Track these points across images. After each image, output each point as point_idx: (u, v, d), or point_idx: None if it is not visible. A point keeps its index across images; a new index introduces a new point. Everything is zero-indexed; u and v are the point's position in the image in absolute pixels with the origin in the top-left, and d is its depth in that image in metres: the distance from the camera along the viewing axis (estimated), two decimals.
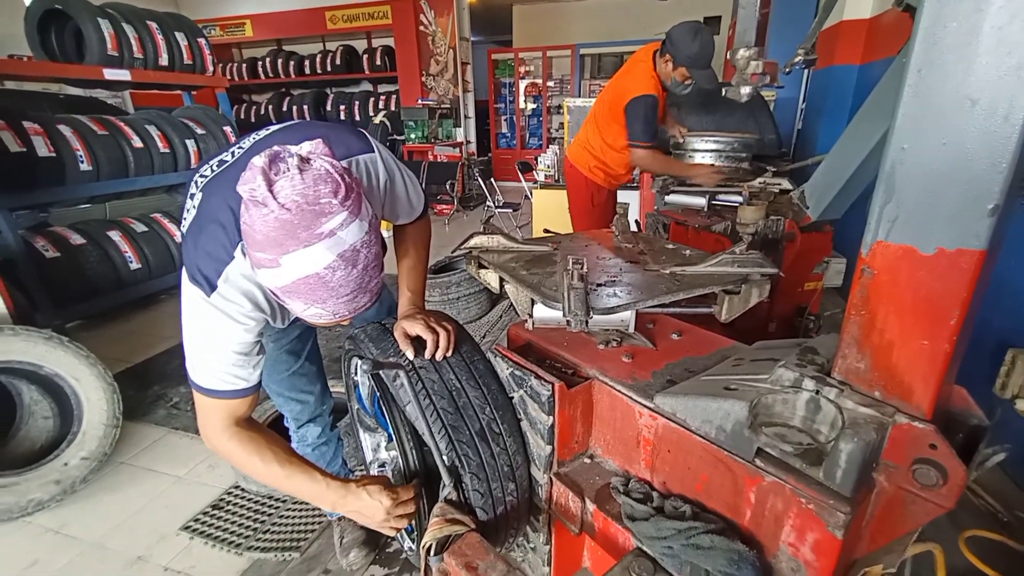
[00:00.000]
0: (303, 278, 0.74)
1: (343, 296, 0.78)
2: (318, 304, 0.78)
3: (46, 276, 2.90)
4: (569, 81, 8.82)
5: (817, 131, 4.05)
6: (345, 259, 0.75)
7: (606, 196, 2.79)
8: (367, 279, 0.80)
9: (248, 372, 0.94)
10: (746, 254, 1.13)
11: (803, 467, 0.75)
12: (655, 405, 0.95)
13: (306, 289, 0.75)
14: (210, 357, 0.91)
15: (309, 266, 0.73)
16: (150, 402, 2.55)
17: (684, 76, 2.34)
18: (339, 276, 0.76)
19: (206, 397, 0.93)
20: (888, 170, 0.66)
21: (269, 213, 0.69)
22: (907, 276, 0.67)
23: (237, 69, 8.95)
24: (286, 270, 0.73)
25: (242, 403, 0.96)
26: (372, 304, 0.87)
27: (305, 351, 1.42)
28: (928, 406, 0.70)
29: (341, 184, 0.73)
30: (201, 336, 0.91)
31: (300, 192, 0.70)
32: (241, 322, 0.89)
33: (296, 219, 0.70)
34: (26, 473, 1.82)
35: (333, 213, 0.72)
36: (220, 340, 0.90)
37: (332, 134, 0.97)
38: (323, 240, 0.72)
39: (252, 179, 0.69)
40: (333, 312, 0.81)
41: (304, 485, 0.98)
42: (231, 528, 1.74)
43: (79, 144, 3.09)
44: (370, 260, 0.79)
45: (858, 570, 0.83)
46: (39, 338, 1.92)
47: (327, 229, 0.72)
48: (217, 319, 0.88)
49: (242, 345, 0.91)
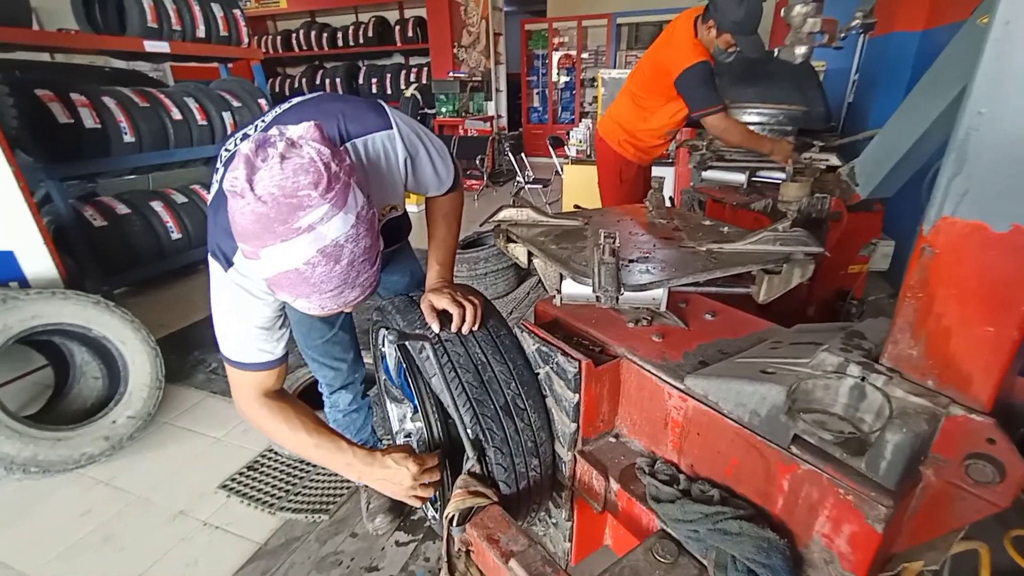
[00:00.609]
0: (283, 272, 0.72)
1: (327, 291, 0.76)
2: (303, 298, 0.76)
3: (95, 244, 3.04)
4: (604, 52, 8.51)
5: (870, 105, 3.79)
6: (326, 255, 0.72)
7: (635, 172, 2.68)
8: (353, 274, 0.77)
9: (272, 345, 0.96)
10: (789, 231, 1.07)
11: (843, 457, 0.71)
12: (686, 386, 0.92)
13: (287, 283, 0.74)
14: (234, 330, 0.94)
15: (288, 261, 0.71)
16: (191, 367, 2.66)
17: (728, 43, 2.18)
18: (320, 272, 0.73)
19: (235, 368, 0.97)
20: (961, 138, 0.60)
21: (246, 205, 0.67)
22: (974, 256, 0.61)
23: (272, 42, 9.01)
24: (265, 264, 0.72)
25: (269, 375, 0.99)
26: (366, 297, 0.84)
27: (339, 320, 1.43)
28: (988, 398, 0.65)
29: (324, 175, 0.69)
30: (224, 310, 0.93)
31: (278, 184, 0.67)
32: (259, 297, 0.90)
33: (272, 212, 0.67)
34: (79, 429, 1.93)
35: (312, 207, 0.68)
36: (241, 314, 0.92)
37: (348, 110, 0.94)
38: (301, 235, 0.69)
39: (235, 167, 0.67)
40: (320, 306, 0.79)
41: (331, 454, 1.01)
42: (265, 489, 1.81)
43: (123, 116, 3.18)
44: (357, 255, 0.75)
45: (896, 565, 0.79)
46: (88, 302, 2.02)
47: (305, 224, 0.68)
48: (236, 293, 0.90)
49: (263, 320, 0.93)
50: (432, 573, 1.45)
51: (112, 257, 3.13)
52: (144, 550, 1.61)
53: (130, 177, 3.90)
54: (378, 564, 1.51)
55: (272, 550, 1.58)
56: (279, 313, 0.96)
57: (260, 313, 0.92)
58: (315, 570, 1.50)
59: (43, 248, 2.26)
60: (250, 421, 1.02)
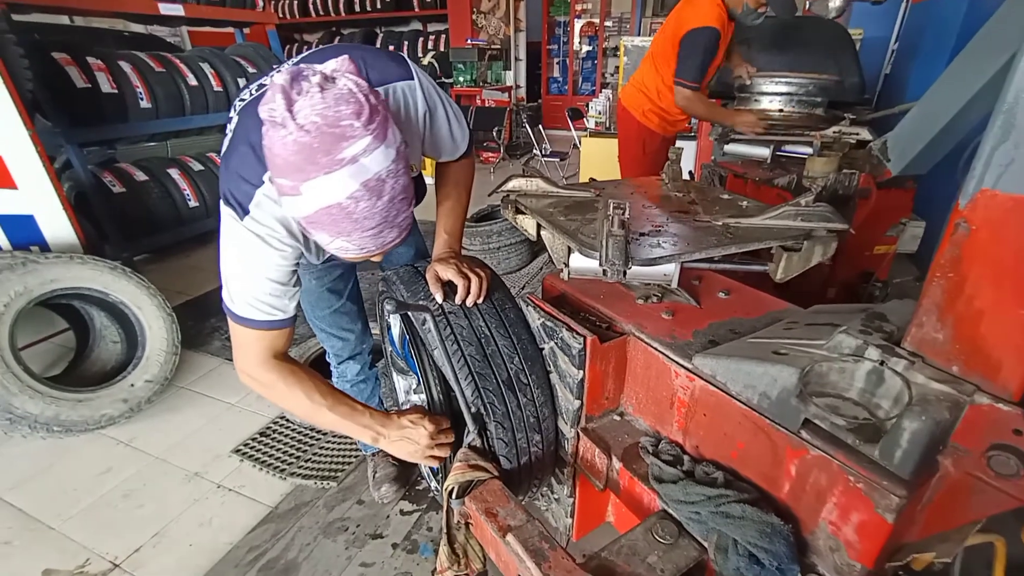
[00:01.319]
0: (325, 208, 0.70)
1: (368, 229, 0.74)
2: (343, 237, 0.74)
3: (113, 210, 3.08)
4: (629, 19, 8.19)
5: (909, 76, 3.58)
6: (369, 188, 0.70)
7: (659, 143, 2.59)
8: (393, 212, 0.75)
9: (284, 303, 0.92)
10: (812, 206, 1.01)
11: (856, 443, 0.68)
12: (693, 366, 0.89)
13: (329, 220, 0.71)
14: (245, 285, 0.89)
15: (331, 195, 0.68)
16: (207, 333, 2.71)
17: (759, 2, 2.07)
18: (363, 207, 0.71)
19: (242, 327, 0.91)
20: (1010, 101, 0.54)
21: (288, 135, 0.65)
22: (1016, 232, 0.56)
23: (288, 6, 8.87)
24: (307, 199, 0.69)
25: (279, 335, 0.94)
26: (401, 240, 0.83)
27: (347, 290, 1.43)
28: (1017, 386, 0.61)
29: (364, 105, 0.67)
30: (236, 261, 0.88)
31: (320, 112, 0.64)
32: (276, 248, 0.87)
33: (316, 142, 0.65)
34: (99, 391, 1.99)
35: (355, 137, 0.67)
36: (255, 266, 0.87)
37: (369, 57, 0.91)
38: (345, 167, 0.67)
39: (272, 98, 0.65)
40: (359, 246, 0.77)
41: (347, 417, 0.98)
42: (276, 455, 1.85)
43: (139, 81, 3.17)
44: (397, 192, 0.74)
45: (906, 555, 0.76)
46: (104, 267, 2.05)
47: (349, 155, 0.66)
48: (251, 243, 0.86)
49: (278, 273, 0.89)
50: (434, 543, 1.47)
51: (130, 223, 3.17)
52: (161, 508, 1.66)
53: (149, 144, 3.92)
54: (382, 532, 1.54)
55: (282, 514, 1.62)
56: (294, 268, 0.92)
57: (276, 265, 0.88)
58: (322, 534, 1.54)
59: (62, 213, 2.29)
60: (254, 386, 0.97)
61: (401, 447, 1.02)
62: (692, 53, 2.19)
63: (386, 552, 1.47)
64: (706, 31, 2.13)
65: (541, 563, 0.77)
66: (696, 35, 2.15)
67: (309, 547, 1.50)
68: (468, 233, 3.12)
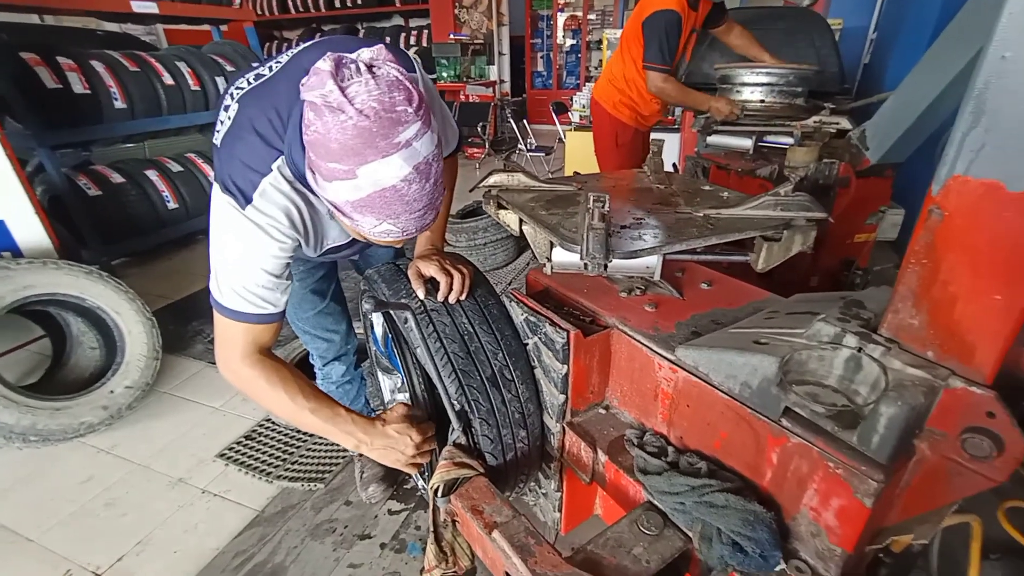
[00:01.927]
0: (379, 191, 0.70)
1: (416, 211, 0.74)
2: (391, 220, 0.74)
3: (90, 214, 3.01)
4: (612, 12, 8.18)
5: (887, 66, 3.62)
6: (420, 172, 0.71)
7: (631, 136, 2.58)
8: (436, 195, 0.76)
9: (276, 297, 0.89)
10: (791, 196, 1.01)
11: (835, 430, 0.68)
12: (676, 357, 0.89)
13: (382, 203, 0.71)
14: (239, 276, 0.86)
15: (386, 178, 0.69)
16: (189, 337, 2.67)
17: None
18: (414, 190, 0.72)
19: (230, 320, 0.88)
20: (980, 87, 0.54)
21: (347, 120, 0.64)
22: (987, 218, 0.56)
23: (266, 3, 8.72)
24: (363, 182, 0.69)
25: (267, 330, 0.92)
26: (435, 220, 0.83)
27: (330, 291, 1.42)
28: (990, 370, 0.61)
29: (413, 92, 0.69)
30: (232, 251, 0.86)
31: (376, 99, 0.65)
32: (276, 239, 0.85)
33: (375, 127, 0.65)
34: (77, 398, 1.95)
35: (409, 122, 0.68)
36: (252, 257, 0.85)
37: None
38: (400, 151, 0.68)
39: (321, 84, 0.64)
40: (403, 229, 0.76)
41: (329, 421, 0.95)
42: (262, 458, 1.83)
43: (112, 81, 3.09)
44: (439, 175, 0.75)
45: (885, 538, 0.77)
46: (80, 272, 2.00)
47: (404, 139, 0.67)
48: (251, 233, 0.83)
49: (274, 265, 0.87)
50: (423, 542, 1.47)
51: (108, 227, 3.10)
52: (145, 516, 1.63)
53: (125, 146, 3.84)
54: (370, 532, 1.53)
55: (269, 517, 1.60)
56: (289, 262, 0.90)
57: (273, 257, 0.86)
58: (310, 537, 1.52)
59: (35, 217, 2.22)
60: (236, 382, 0.94)
61: (384, 455, 1.01)
62: (655, 36, 2.19)
63: (374, 552, 1.46)
64: (665, 13, 2.13)
65: (527, 558, 0.76)
66: (656, 17, 2.16)
67: (296, 550, 1.48)
68: (453, 230, 3.10)
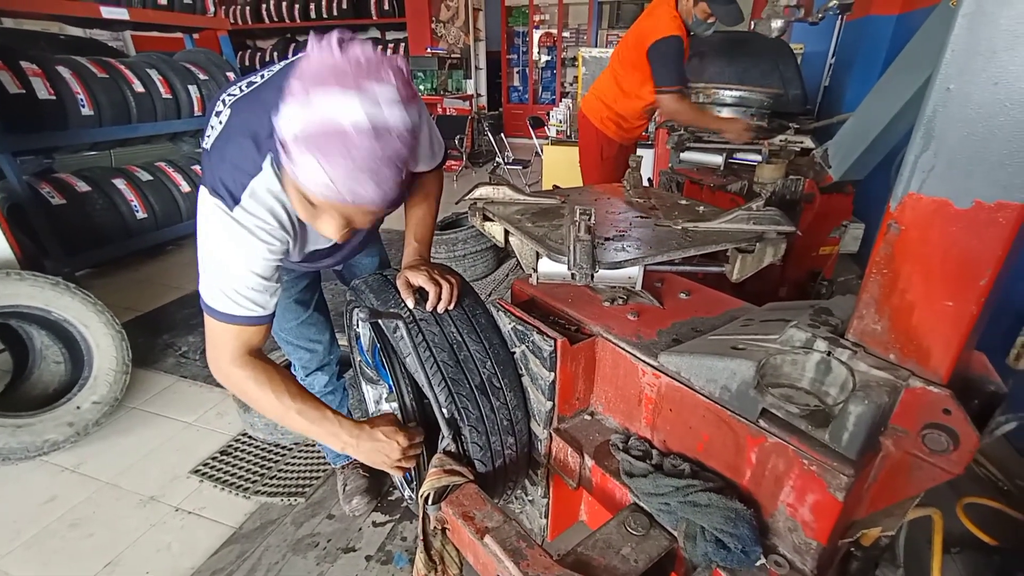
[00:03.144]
0: (325, 124, 0.67)
1: (358, 170, 0.70)
2: (328, 165, 0.69)
3: (54, 223, 2.90)
4: (586, 31, 8.41)
5: (845, 88, 3.84)
6: (376, 129, 0.68)
7: (616, 150, 2.68)
8: (386, 172, 0.72)
9: (266, 299, 0.90)
10: (763, 210, 1.08)
11: (808, 429, 0.73)
12: (659, 363, 0.93)
13: (324, 140, 0.68)
14: (228, 279, 0.86)
15: (338, 113, 0.66)
16: (160, 350, 2.59)
17: (706, 13, 2.18)
18: (364, 144, 0.68)
19: (220, 323, 0.89)
20: (929, 115, 0.61)
21: (328, 57, 0.67)
22: (938, 232, 0.62)
23: (240, 12, 8.61)
24: (313, 109, 0.67)
25: (256, 332, 0.92)
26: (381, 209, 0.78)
27: (313, 301, 1.42)
28: (946, 370, 0.67)
29: (406, 78, 0.72)
30: (221, 254, 0.86)
31: (367, 58, 0.68)
32: (264, 240, 0.85)
33: (350, 70, 0.67)
34: (41, 415, 1.86)
35: (385, 83, 0.68)
36: (241, 259, 0.86)
37: None
38: (364, 96, 0.67)
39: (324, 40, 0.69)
40: (340, 187, 0.71)
41: (316, 422, 0.96)
42: (239, 473, 1.79)
43: (79, 87, 3.01)
44: (396, 154, 0.72)
45: (856, 531, 0.82)
46: (46, 283, 1.93)
47: (372, 92, 0.67)
48: (239, 235, 0.84)
49: (263, 268, 0.87)
50: (409, 552, 1.46)
51: (72, 237, 2.99)
52: (114, 536, 1.57)
53: (90, 153, 3.72)
54: (355, 545, 1.51)
55: (247, 533, 1.56)
56: (280, 262, 0.91)
57: (262, 258, 0.86)
58: (291, 552, 1.50)
59: None
60: (227, 383, 0.95)
61: (371, 457, 1.01)
62: (664, 60, 2.27)
63: (360, 565, 1.45)
64: (669, 40, 2.23)
65: (520, 562, 0.78)
66: (661, 44, 2.24)
67: (278, 566, 1.45)
68: (434, 241, 3.11)
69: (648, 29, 2.29)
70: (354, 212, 0.79)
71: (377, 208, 0.77)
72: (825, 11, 2.03)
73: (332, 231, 0.83)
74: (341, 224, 0.82)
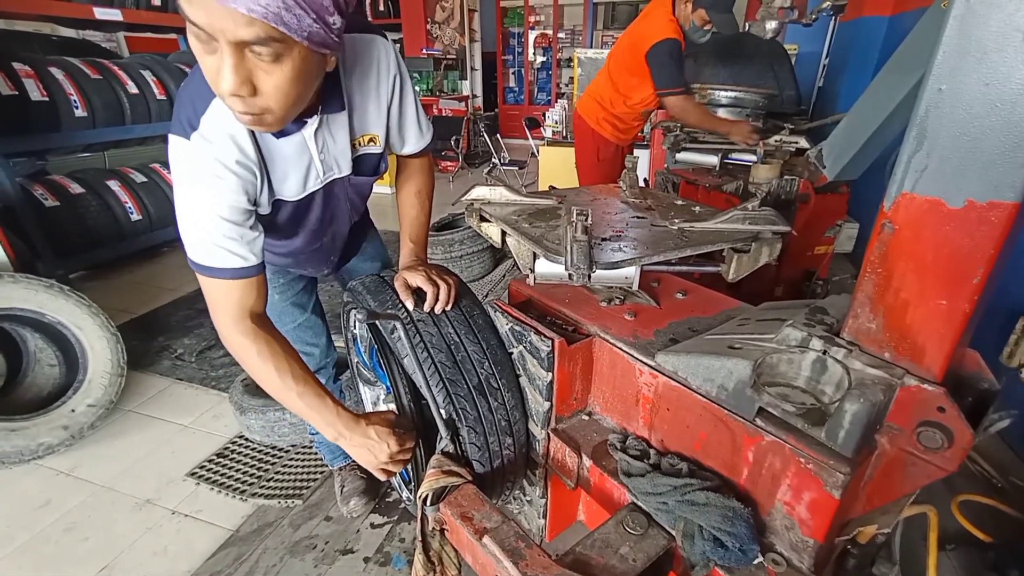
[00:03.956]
0: None
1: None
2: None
3: (47, 225, 2.88)
4: (581, 32, 8.43)
5: (839, 89, 3.87)
6: None
7: (613, 151, 2.69)
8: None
9: (243, 248, 0.87)
10: (758, 210, 1.08)
11: (805, 427, 0.74)
12: (656, 363, 0.93)
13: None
14: (198, 222, 0.84)
15: None
16: (155, 352, 2.57)
17: (703, 20, 2.19)
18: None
19: (207, 279, 0.87)
20: (921, 115, 0.61)
21: None
22: (931, 231, 0.63)
23: None
24: None
25: (247, 288, 0.90)
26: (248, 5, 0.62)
27: (310, 304, 1.42)
28: (940, 368, 0.68)
29: None
30: (187, 198, 0.84)
31: None
32: (225, 172, 0.82)
33: None
34: (35, 418, 1.85)
35: None
36: (206, 201, 0.83)
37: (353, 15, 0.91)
38: None
39: None
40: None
41: (315, 406, 0.94)
42: (236, 475, 1.78)
43: (72, 89, 2.99)
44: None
45: (852, 529, 0.83)
46: (40, 286, 1.91)
47: None
48: (199, 171, 0.81)
49: (229, 206, 0.84)
50: (407, 554, 1.46)
51: (66, 239, 2.97)
52: (109, 540, 1.56)
53: (84, 155, 3.70)
54: (353, 547, 1.51)
55: (244, 536, 1.56)
56: (249, 209, 0.88)
57: (228, 193, 0.83)
58: (289, 554, 1.49)
59: None
60: (231, 349, 0.93)
61: (359, 453, 1.00)
62: (663, 62, 2.27)
63: (358, 567, 1.44)
64: (667, 42, 2.23)
65: (519, 562, 0.78)
66: (660, 47, 2.24)
67: (275, 568, 1.45)
68: (429, 243, 3.11)
69: (645, 32, 2.30)
70: (229, 24, 0.63)
71: (260, 20, 0.63)
72: (819, 12, 2.04)
73: (226, 70, 0.67)
74: (234, 67, 0.67)
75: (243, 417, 1.89)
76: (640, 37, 2.31)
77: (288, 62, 0.69)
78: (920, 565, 1.22)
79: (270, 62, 0.68)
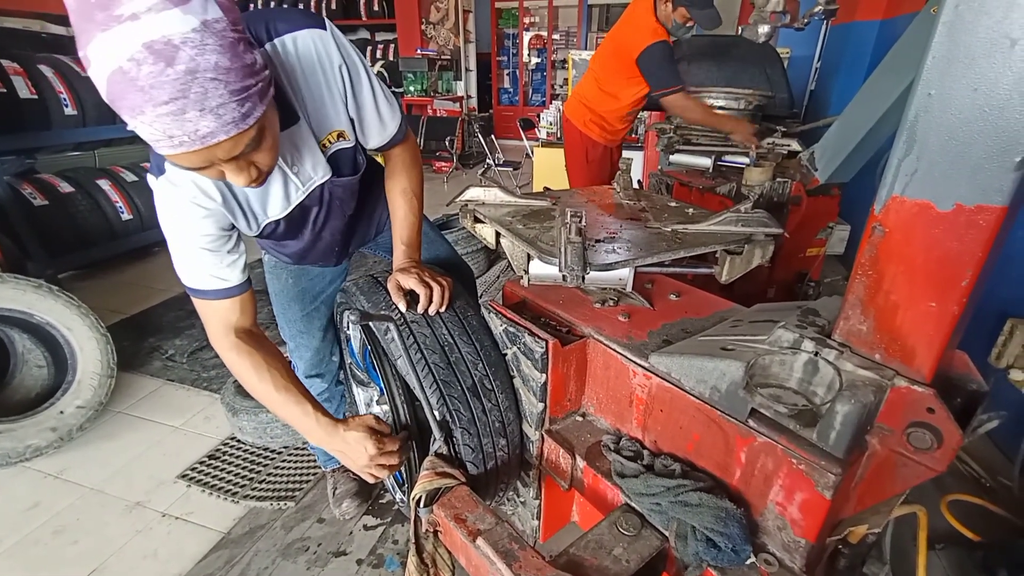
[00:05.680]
0: (110, 75, 0.60)
1: (161, 103, 0.61)
2: (138, 115, 0.62)
3: (36, 224, 2.85)
4: (575, 33, 8.46)
5: (831, 92, 3.91)
6: (155, 52, 0.59)
7: (601, 152, 2.69)
8: (198, 90, 0.62)
9: (224, 272, 0.94)
10: (751, 212, 1.09)
11: (796, 428, 0.74)
12: (650, 364, 0.94)
13: (118, 92, 0.61)
14: (182, 252, 0.92)
15: (111, 57, 0.59)
16: (146, 353, 2.55)
17: (685, 17, 2.19)
18: (147, 72, 0.59)
19: (196, 299, 0.95)
20: (911, 119, 0.62)
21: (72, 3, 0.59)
22: (921, 234, 0.64)
23: None
24: (95, 66, 0.60)
25: (232, 306, 0.96)
26: (237, 132, 0.68)
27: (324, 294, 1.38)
28: (929, 370, 0.69)
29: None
30: (166, 226, 0.90)
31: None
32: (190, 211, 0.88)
33: (92, 4, 0.58)
34: (22, 420, 1.83)
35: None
36: (182, 231, 0.90)
37: (279, 12, 0.89)
38: (124, 23, 0.58)
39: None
40: (162, 130, 0.64)
41: (295, 415, 0.99)
42: (227, 477, 1.77)
43: (62, 86, 2.96)
44: (201, 67, 0.62)
45: (843, 529, 0.83)
46: (28, 286, 1.89)
47: (127, 11, 0.58)
48: (172, 205, 0.88)
49: (204, 238, 0.90)
50: (401, 556, 1.45)
51: (56, 238, 2.95)
52: (99, 543, 1.55)
53: (73, 154, 3.66)
54: (346, 548, 1.50)
55: (236, 538, 1.55)
56: (224, 231, 0.93)
57: (199, 227, 0.89)
58: (281, 557, 1.48)
59: None
60: (223, 361, 1.00)
61: (340, 459, 1.03)
62: (657, 65, 2.26)
63: (351, 569, 1.44)
64: (658, 44, 2.22)
65: (512, 563, 0.78)
66: (652, 50, 2.23)
67: (267, 570, 1.44)
68: None
69: (630, 36, 2.29)
70: (221, 152, 0.69)
71: (239, 133, 0.68)
72: (810, 16, 2.06)
73: (233, 176, 0.76)
74: (238, 169, 0.75)
75: (235, 418, 1.87)
76: (625, 41, 2.30)
77: (267, 130, 0.76)
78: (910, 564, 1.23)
79: (258, 143, 0.75)
